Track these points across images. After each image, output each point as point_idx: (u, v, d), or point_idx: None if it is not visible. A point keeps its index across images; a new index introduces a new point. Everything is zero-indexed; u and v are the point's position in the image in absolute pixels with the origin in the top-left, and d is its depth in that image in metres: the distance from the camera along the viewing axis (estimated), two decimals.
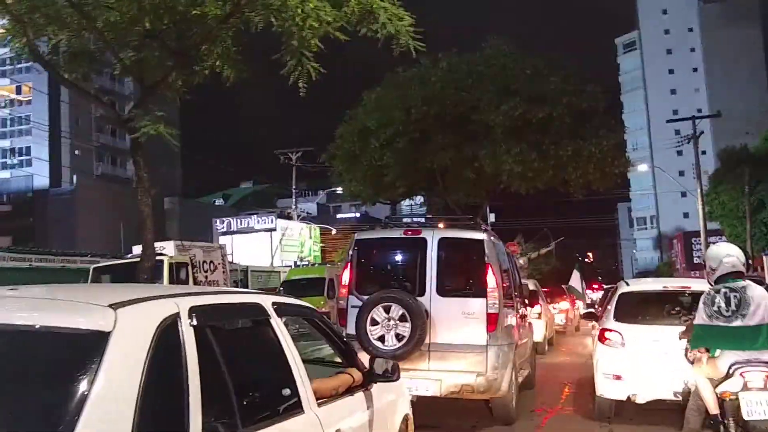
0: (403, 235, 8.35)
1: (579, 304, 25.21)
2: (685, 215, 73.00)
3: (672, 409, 7.69)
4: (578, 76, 21.48)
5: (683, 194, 73.51)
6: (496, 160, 19.98)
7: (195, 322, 2.56)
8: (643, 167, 45.71)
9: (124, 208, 62.18)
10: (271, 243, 41.00)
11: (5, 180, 67.48)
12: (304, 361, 4.68)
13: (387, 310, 7.52)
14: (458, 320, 7.62)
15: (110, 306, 2.34)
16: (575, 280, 25.70)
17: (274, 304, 3.35)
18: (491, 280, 7.66)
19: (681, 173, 59.45)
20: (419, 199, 39.83)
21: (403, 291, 7.74)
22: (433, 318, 7.59)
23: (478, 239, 8.00)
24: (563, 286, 25.73)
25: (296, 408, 3.14)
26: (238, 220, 46.29)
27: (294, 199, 41.60)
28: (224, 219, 47.39)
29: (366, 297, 7.78)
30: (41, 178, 65.38)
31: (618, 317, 8.26)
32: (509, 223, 54.35)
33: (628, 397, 7.88)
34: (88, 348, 2.19)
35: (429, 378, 7.50)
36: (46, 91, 64.51)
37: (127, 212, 60.75)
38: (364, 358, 4.73)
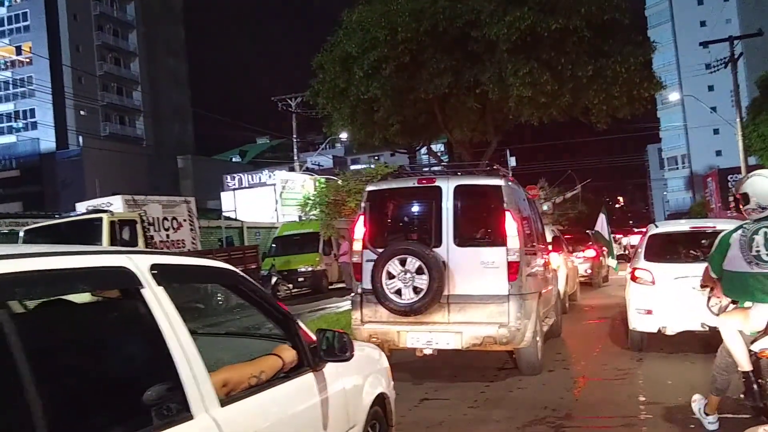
0: (416, 185, 8.01)
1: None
2: (718, 153, 71.53)
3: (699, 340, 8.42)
4: None
5: (716, 131, 70.78)
6: (501, 83, 16.72)
7: None
8: (674, 96, 42.37)
9: (133, 167, 61.10)
10: (275, 198, 38.86)
11: (11, 144, 66.05)
12: (241, 336, 4.19)
13: (403, 262, 7.33)
14: (478, 270, 7.39)
15: None
16: (601, 224, 22.70)
17: (154, 267, 2.48)
18: (511, 227, 7.34)
19: (713, 109, 56.59)
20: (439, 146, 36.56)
21: (418, 242, 7.53)
22: (451, 269, 7.40)
23: (495, 185, 7.62)
24: (588, 231, 22.74)
25: (179, 413, 2.28)
26: (249, 176, 45.20)
27: (295, 149, 39.00)
28: (235, 175, 46.37)
29: (381, 250, 7.55)
30: (47, 141, 63.84)
31: (648, 257, 8.94)
32: (532, 167, 51.56)
33: (659, 330, 8.60)
34: None
35: (449, 331, 7.37)
36: (46, 50, 62.39)
37: (136, 171, 59.84)
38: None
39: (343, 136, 29.19)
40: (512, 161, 46.34)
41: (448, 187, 7.67)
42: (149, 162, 67.12)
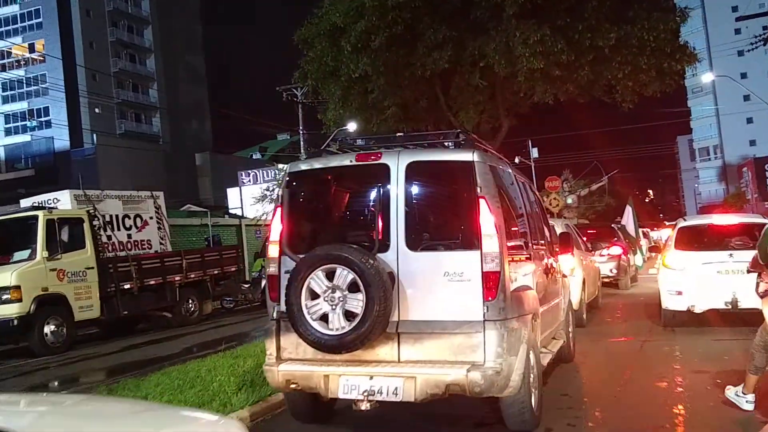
0: (355, 162, 5.61)
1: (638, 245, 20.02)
2: (752, 143, 69.85)
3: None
4: None
5: (749, 120, 67.79)
6: (509, 55, 14.43)
7: None
8: (707, 77, 39.64)
9: (150, 165, 59.71)
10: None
11: (26, 143, 65.25)
12: None
13: (330, 275, 5.11)
14: (440, 286, 5.14)
15: None
16: (628, 218, 20.34)
17: None
18: (487, 222, 5.07)
19: (746, 98, 54.30)
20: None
21: (353, 246, 5.17)
22: (402, 284, 5.19)
23: (464, 161, 5.31)
24: (613, 225, 20.32)
25: None
26: (264, 172, 43.40)
27: (301, 142, 36.94)
28: (249, 171, 45.41)
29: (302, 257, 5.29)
30: (62, 140, 62.92)
31: (678, 246, 10.42)
32: (555, 157, 49.26)
33: (688, 308, 9.96)
34: None
35: (398, 374, 5.07)
36: (59, 48, 61.25)
37: (152, 169, 58.48)
38: None
39: (352, 127, 27.06)
40: (534, 152, 43.83)
41: (398, 165, 5.36)
42: (166, 160, 65.73)
